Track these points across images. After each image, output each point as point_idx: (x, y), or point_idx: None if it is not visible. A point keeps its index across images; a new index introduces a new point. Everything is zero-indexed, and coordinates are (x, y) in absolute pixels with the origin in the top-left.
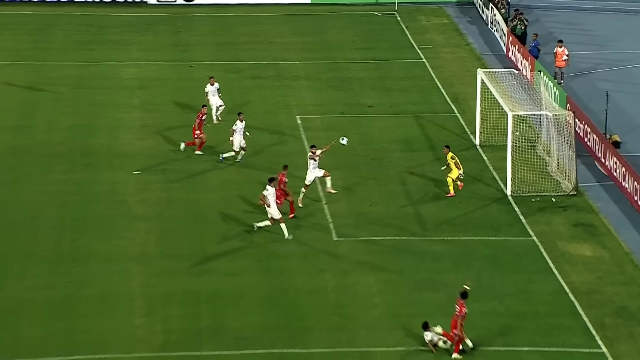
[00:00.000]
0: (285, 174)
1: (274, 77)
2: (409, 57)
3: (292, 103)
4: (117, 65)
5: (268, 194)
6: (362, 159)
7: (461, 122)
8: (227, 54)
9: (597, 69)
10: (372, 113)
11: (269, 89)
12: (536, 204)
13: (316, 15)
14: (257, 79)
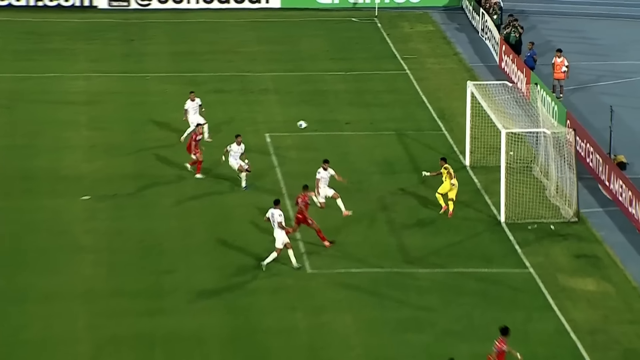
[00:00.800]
0: (308, 195)
1: (239, 91)
2: (390, 68)
3: (259, 120)
4: (61, 78)
5: (274, 219)
6: (339, 182)
7: (449, 140)
8: (185, 65)
9: (600, 81)
10: (350, 131)
11: (233, 104)
12: (533, 232)
13: (286, 22)
14: (220, 93)
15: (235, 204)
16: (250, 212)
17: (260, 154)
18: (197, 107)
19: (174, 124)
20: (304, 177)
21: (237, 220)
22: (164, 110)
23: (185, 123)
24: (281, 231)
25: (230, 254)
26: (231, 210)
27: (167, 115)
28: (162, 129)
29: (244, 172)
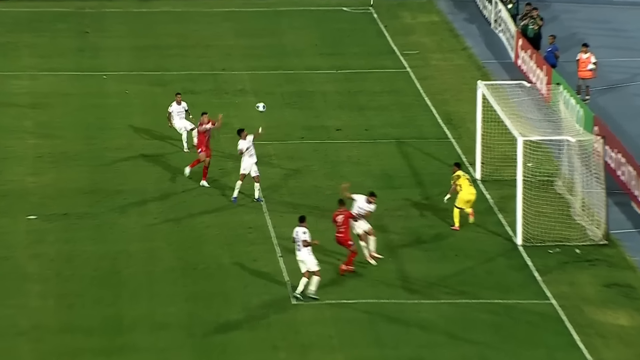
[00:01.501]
0: (346, 212)
1: (211, 92)
2: (388, 65)
3: (235, 125)
4: (2, 77)
5: (298, 238)
6: (328, 199)
7: (457, 150)
8: (149, 62)
9: (633, 80)
10: (341, 139)
11: (205, 106)
12: (555, 256)
13: (267, 12)
14: (189, 94)
15: (208, 223)
16: (225, 234)
17: (236, 165)
18: (184, 111)
19: (136, 131)
20: (289, 193)
21: (210, 243)
22: (124, 114)
23: (171, 131)
24: (310, 253)
25: (201, 283)
26: (203, 231)
27: (128, 120)
28: (122, 136)
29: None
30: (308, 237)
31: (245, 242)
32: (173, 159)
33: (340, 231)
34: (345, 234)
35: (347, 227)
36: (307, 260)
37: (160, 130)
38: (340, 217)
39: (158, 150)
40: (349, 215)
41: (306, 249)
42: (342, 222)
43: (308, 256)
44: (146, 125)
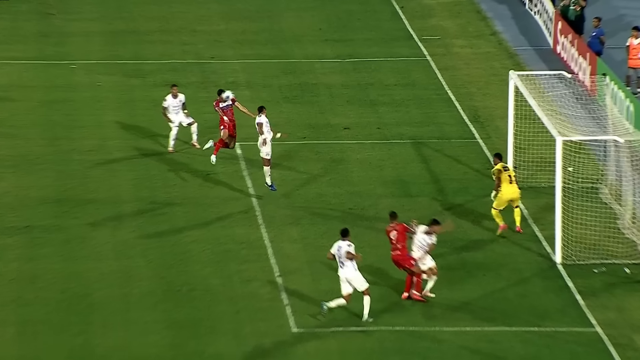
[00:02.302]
0: (400, 225)
1: (198, 85)
2: (404, 53)
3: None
4: None
5: (341, 253)
6: (334, 209)
7: (485, 152)
8: (125, 49)
9: None
10: (349, 139)
11: (190, 102)
12: (601, 277)
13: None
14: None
15: (194, 237)
16: (213, 250)
17: (227, 170)
18: (180, 105)
19: (109, 130)
20: (289, 204)
21: (196, 261)
22: (95, 110)
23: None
24: (356, 269)
25: (186, 308)
26: (188, 247)
27: (100, 117)
28: (93, 136)
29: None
30: (353, 249)
31: (238, 260)
32: (153, 162)
33: (396, 249)
34: (403, 252)
35: (404, 243)
36: (354, 278)
37: (138, 129)
38: (393, 234)
39: (135, 152)
40: (404, 229)
41: (352, 264)
42: (398, 238)
43: (354, 272)
44: (121, 123)
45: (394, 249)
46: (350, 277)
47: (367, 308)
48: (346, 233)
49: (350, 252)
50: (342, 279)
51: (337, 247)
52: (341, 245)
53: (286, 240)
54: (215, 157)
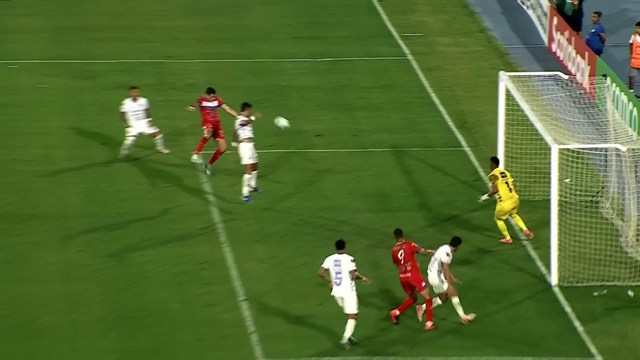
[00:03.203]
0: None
1: (153, 87)
2: (383, 52)
3: (185, 129)
4: None
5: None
6: (306, 225)
7: (472, 161)
8: (72, 48)
9: None
10: (323, 147)
11: None
12: (601, 300)
13: None
14: (124, 90)
15: (150, 257)
16: (171, 271)
17: (185, 182)
18: (142, 110)
19: (54, 137)
20: (255, 219)
21: (152, 283)
22: (39, 116)
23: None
24: (353, 289)
25: (140, 336)
26: (143, 268)
27: (44, 123)
28: (36, 144)
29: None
30: (355, 266)
31: (199, 282)
32: (104, 173)
33: (405, 270)
34: (414, 273)
35: (414, 262)
36: (349, 298)
37: (87, 136)
38: (401, 253)
39: (84, 161)
40: (411, 249)
41: (351, 284)
42: (406, 258)
43: (351, 292)
44: (68, 129)
45: (403, 270)
46: (346, 296)
47: (349, 332)
48: (343, 245)
49: (356, 272)
50: (337, 297)
51: (333, 262)
52: (340, 259)
53: (252, 260)
54: (198, 157)
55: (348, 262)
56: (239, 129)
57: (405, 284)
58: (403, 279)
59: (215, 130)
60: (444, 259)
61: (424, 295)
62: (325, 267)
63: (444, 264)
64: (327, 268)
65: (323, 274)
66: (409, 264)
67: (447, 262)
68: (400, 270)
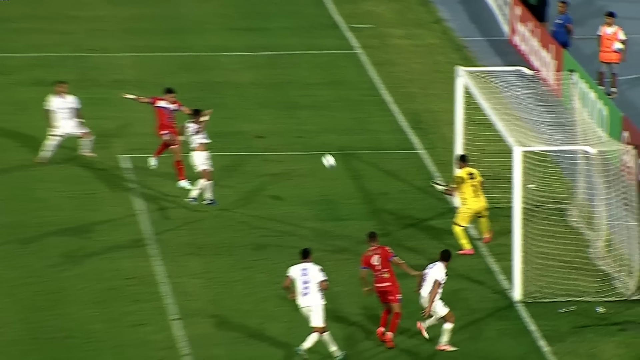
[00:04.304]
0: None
1: (76, 83)
2: (330, 45)
3: (111, 130)
4: None
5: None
6: (245, 236)
7: (428, 165)
8: None
9: None
10: (263, 149)
11: None
12: (569, 317)
13: None
14: (43, 86)
15: (70, 273)
16: (96, 287)
17: (111, 186)
18: (71, 109)
19: None
20: (189, 230)
21: (74, 301)
22: None
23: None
24: (322, 301)
25: (60, 359)
26: (62, 285)
27: None
28: None
29: (209, 179)
30: (325, 276)
31: (126, 299)
32: (20, 180)
33: (382, 279)
34: (392, 282)
35: (390, 270)
36: (317, 310)
37: (0, 137)
38: (376, 258)
39: None
40: (387, 255)
41: (319, 295)
42: (383, 265)
43: (320, 302)
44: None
45: (379, 278)
46: (314, 307)
47: (310, 343)
48: (308, 254)
49: (324, 282)
50: (303, 309)
51: (300, 271)
52: (308, 268)
53: (185, 275)
54: (155, 160)
55: (316, 271)
56: (191, 136)
57: (381, 292)
58: (379, 288)
59: (172, 136)
60: (440, 277)
61: (395, 308)
62: (291, 277)
63: (437, 283)
64: (293, 278)
65: (288, 284)
66: (386, 271)
67: (443, 282)
68: (376, 278)
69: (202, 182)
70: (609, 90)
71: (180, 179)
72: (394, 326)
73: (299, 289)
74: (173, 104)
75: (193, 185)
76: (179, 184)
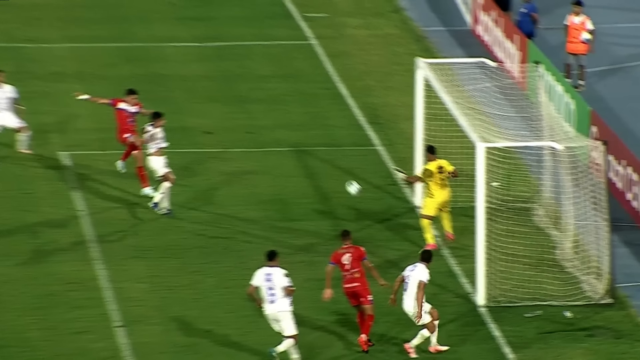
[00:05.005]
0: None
1: (11, 76)
2: (282, 36)
3: (49, 126)
4: None
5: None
6: (193, 238)
7: (386, 162)
8: None
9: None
10: (212, 146)
11: None
12: (535, 323)
13: None
14: None
15: (6, 277)
16: (32, 293)
17: (50, 185)
18: (9, 99)
19: None
20: (133, 232)
21: (9, 308)
22: None
23: None
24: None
25: None
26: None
27: None
28: None
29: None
30: (290, 282)
31: (65, 306)
32: None
33: (352, 279)
34: (362, 283)
35: (361, 270)
36: (286, 318)
37: None
38: (346, 257)
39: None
40: (360, 256)
41: (286, 301)
42: (353, 264)
43: (288, 311)
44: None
45: (348, 279)
46: (282, 315)
47: (284, 347)
48: (274, 255)
49: (290, 288)
50: (270, 317)
51: (263, 276)
52: (272, 273)
53: (129, 279)
54: (123, 164)
55: (280, 276)
56: (149, 141)
57: (351, 294)
58: (349, 289)
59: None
60: (426, 278)
61: (367, 310)
62: (255, 285)
63: (423, 284)
64: (257, 286)
65: (252, 292)
66: (356, 272)
67: (425, 281)
68: (345, 278)
69: (166, 184)
70: (577, 83)
71: (144, 186)
72: (367, 328)
73: (264, 296)
74: (134, 106)
75: (156, 191)
76: (143, 191)
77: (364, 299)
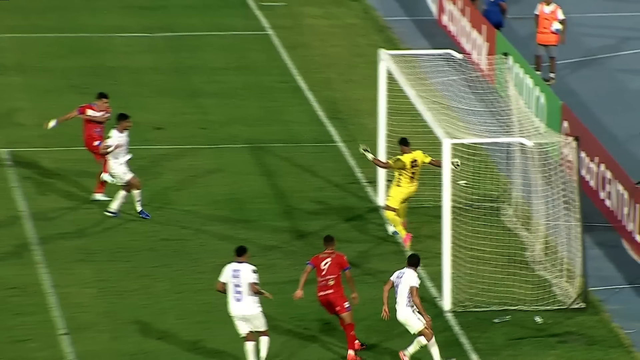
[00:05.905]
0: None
1: None
2: (237, 25)
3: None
4: None
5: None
6: (142, 240)
7: (348, 160)
8: None
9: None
10: (163, 142)
11: None
12: (504, 329)
13: None
14: None
15: None
16: None
17: None
18: None
19: None
20: (78, 234)
21: None
22: None
23: None
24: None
25: None
26: None
27: None
28: None
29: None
30: (257, 279)
31: (6, 312)
32: None
33: (325, 286)
34: (336, 290)
35: (337, 278)
36: (255, 316)
37: None
38: (326, 262)
39: None
40: (340, 264)
41: (254, 299)
42: (330, 270)
43: (257, 309)
44: None
45: (323, 286)
46: (250, 314)
47: (265, 350)
48: (243, 251)
49: (256, 285)
50: (237, 317)
51: (231, 272)
52: (240, 269)
53: (75, 284)
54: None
55: (249, 272)
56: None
57: (325, 302)
58: (322, 296)
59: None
60: (416, 283)
61: (346, 319)
62: (223, 281)
63: (415, 289)
64: (224, 282)
65: (221, 288)
66: (331, 278)
67: (417, 286)
68: (319, 284)
69: (136, 192)
70: (547, 76)
71: (98, 192)
72: (352, 342)
73: (230, 294)
74: (103, 111)
75: (114, 198)
76: (94, 196)
77: (339, 307)
